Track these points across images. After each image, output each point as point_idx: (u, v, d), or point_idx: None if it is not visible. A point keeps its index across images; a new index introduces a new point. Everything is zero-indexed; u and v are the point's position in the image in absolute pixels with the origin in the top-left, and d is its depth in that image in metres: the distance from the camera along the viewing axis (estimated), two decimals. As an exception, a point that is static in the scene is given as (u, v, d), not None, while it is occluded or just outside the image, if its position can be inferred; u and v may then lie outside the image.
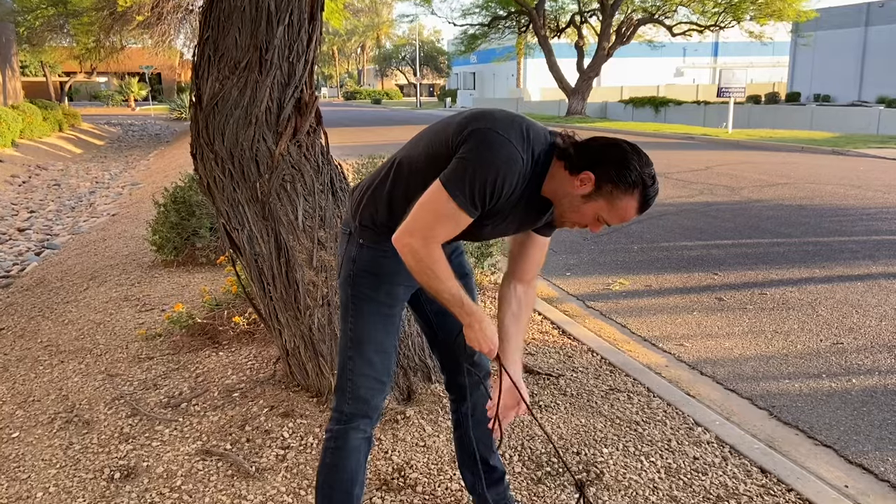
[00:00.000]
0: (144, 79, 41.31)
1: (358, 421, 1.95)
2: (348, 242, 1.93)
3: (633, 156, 1.63)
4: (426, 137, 1.81)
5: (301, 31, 2.85)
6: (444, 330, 2.10)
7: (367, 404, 1.95)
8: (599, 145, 1.67)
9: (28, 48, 25.30)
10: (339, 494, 1.99)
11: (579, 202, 1.67)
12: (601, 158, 1.64)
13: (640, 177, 1.62)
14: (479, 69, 49.04)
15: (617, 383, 3.44)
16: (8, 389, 3.53)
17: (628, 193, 1.63)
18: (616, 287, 5.30)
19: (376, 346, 1.93)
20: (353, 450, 1.96)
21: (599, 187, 1.63)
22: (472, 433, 2.19)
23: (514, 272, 1.98)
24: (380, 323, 1.92)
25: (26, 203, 11.10)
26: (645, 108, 27.76)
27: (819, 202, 8.48)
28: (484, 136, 1.63)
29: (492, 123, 1.65)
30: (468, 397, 2.16)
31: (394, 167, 1.85)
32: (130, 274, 5.69)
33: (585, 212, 1.69)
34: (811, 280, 5.31)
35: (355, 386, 1.94)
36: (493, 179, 1.62)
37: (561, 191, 1.70)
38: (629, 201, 1.64)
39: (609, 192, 1.63)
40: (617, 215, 1.66)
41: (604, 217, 1.68)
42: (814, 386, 3.52)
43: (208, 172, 2.99)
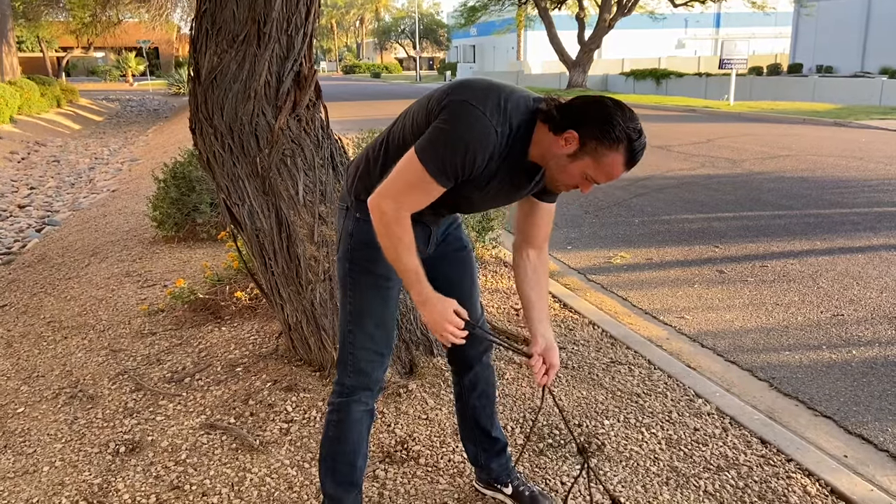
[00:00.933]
0: (142, 53, 40.97)
1: (359, 393, 1.97)
2: (346, 217, 1.93)
3: (616, 111, 1.61)
4: (412, 111, 1.81)
5: (299, 3, 2.81)
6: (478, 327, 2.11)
7: (367, 377, 1.96)
8: (582, 103, 1.65)
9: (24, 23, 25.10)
10: (343, 466, 2.01)
11: (566, 162, 1.66)
12: (584, 116, 1.62)
13: (623, 131, 1.60)
14: (478, 42, 48.60)
15: (618, 356, 3.46)
16: (12, 365, 3.55)
17: (613, 149, 1.61)
18: (617, 260, 5.31)
19: (376, 320, 1.94)
20: (356, 422, 1.98)
21: (584, 144, 1.62)
22: (474, 403, 2.21)
23: (524, 239, 1.98)
24: (378, 296, 1.93)
25: (26, 180, 11.07)
26: (646, 81, 27.55)
27: (821, 174, 8.45)
28: (458, 109, 1.63)
29: (468, 95, 1.65)
30: (472, 368, 2.17)
31: (384, 142, 1.85)
32: (132, 250, 5.69)
33: (573, 171, 1.67)
34: (812, 252, 5.31)
35: (356, 359, 1.95)
36: (464, 153, 1.62)
37: (548, 153, 1.69)
38: (615, 157, 1.62)
39: (594, 148, 1.62)
40: (604, 172, 1.65)
41: (591, 175, 1.66)
42: (814, 357, 3.54)
43: (208, 147, 2.97)
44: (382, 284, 1.92)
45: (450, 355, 2.19)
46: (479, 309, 2.15)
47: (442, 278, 1.97)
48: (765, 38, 40.20)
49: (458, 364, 2.19)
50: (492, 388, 2.24)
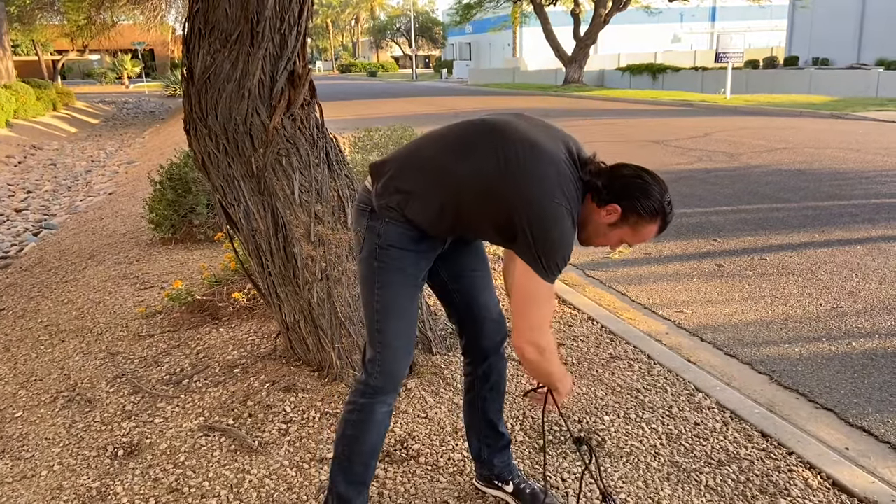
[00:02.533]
0: (137, 55, 40.89)
1: (386, 395, 1.97)
2: (370, 219, 1.90)
3: (655, 186, 1.78)
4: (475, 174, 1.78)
5: (292, 1, 2.79)
6: (461, 293, 2.11)
7: (394, 377, 1.97)
8: (624, 180, 1.79)
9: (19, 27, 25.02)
10: (358, 466, 2.00)
11: (606, 230, 1.83)
12: (626, 192, 1.77)
13: (660, 205, 1.77)
14: (474, 39, 48.52)
15: (617, 351, 3.45)
16: (10, 370, 3.54)
17: (651, 221, 1.79)
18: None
19: (404, 318, 1.95)
20: (377, 423, 1.98)
21: (625, 217, 1.79)
22: (485, 395, 2.20)
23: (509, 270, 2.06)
24: (408, 295, 1.94)
25: (22, 183, 11.05)
26: (643, 76, 27.54)
27: (818, 166, 8.44)
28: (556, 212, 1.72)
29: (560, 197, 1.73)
30: (487, 358, 2.17)
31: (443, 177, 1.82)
32: (129, 252, 5.67)
33: (611, 237, 1.85)
34: (810, 244, 5.31)
35: (384, 359, 1.94)
36: (567, 249, 1.77)
37: (588, 219, 1.83)
38: (651, 227, 1.81)
39: (634, 221, 1.79)
40: (639, 239, 1.84)
41: (626, 240, 1.86)
42: (814, 350, 3.53)
43: (203, 148, 2.96)
44: (412, 283, 1.94)
45: (466, 347, 2.18)
46: (493, 299, 2.16)
47: (467, 270, 2.09)
48: (760, 31, 40.14)
49: (474, 354, 2.19)
50: (503, 381, 2.25)
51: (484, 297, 2.12)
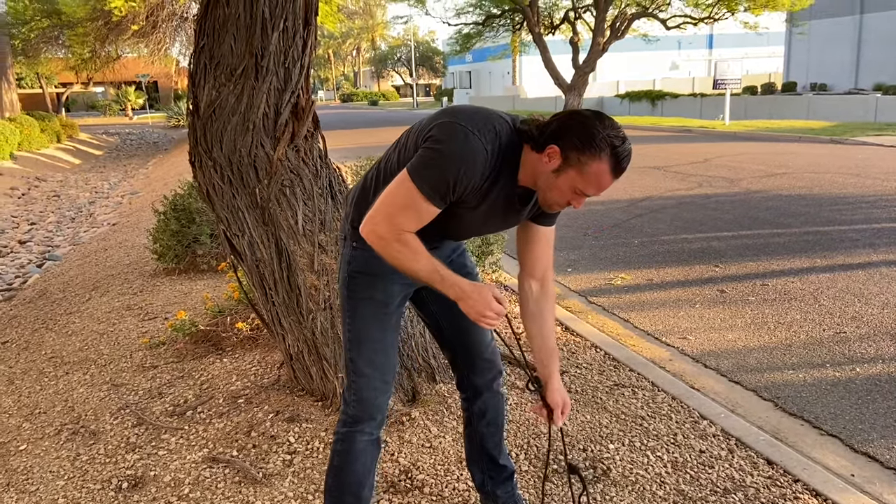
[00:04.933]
0: (141, 87, 41.29)
1: (363, 424, 1.96)
2: (344, 245, 1.96)
3: (595, 120, 1.62)
4: (402, 140, 1.83)
5: (296, 36, 2.85)
6: (452, 327, 2.10)
7: (370, 405, 1.95)
8: (559, 118, 1.67)
9: (24, 60, 25.32)
10: (348, 497, 2.00)
11: (553, 178, 1.66)
12: (562, 129, 1.63)
13: (604, 139, 1.59)
14: (474, 68, 49.00)
15: (621, 378, 3.44)
16: (14, 402, 3.54)
17: (596, 157, 1.60)
18: (618, 282, 5.31)
19: (376, 346, 1.94)
20: (360, 452, 1.97)
21: (567, 158, 1.62)
22: (482, 430, 2.20)
23: (526, 271, 1.98)
24: (377, 322, 1.93)
25: (26, 215, 11.11)
26: (641, 102, 27.76)
27: (818, 191, 8.48)
28: (448, 128, 1.65)
29: (456, 117, 1.68)
30: (481, 395, 2.16)
31: (378, 170, 1.88)
32: (132, 283, 5.69)
33: (561, 186, 1.66)
34: (812, 270, 5.32)
35: (358, 387, 1.95)
36: (456, 171, 1.63)
37: (535, 172, 1.69)
38: (599, 165, 1.61)
39: (577, 159, 1.61)
40: (591, 183, 1.63)
41: (579, 187, 1.65)
42: (818, 376, 3.53)
43: (207, 180, 2.99)
44: (381, 311, 1.93)
45: (459, 382, 2.18)
46: (489, 335, 2.14)
47: (449, 308, 1.95)
48: (758, 57, 40.51)
49: (468, 391, 2.18)
50: (500, 416, 2.23)
51: (475, 333, 2.08)
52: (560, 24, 30.35)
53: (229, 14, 2.76)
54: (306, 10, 2.88)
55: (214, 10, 2.78)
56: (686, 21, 27.48)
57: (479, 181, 1.67)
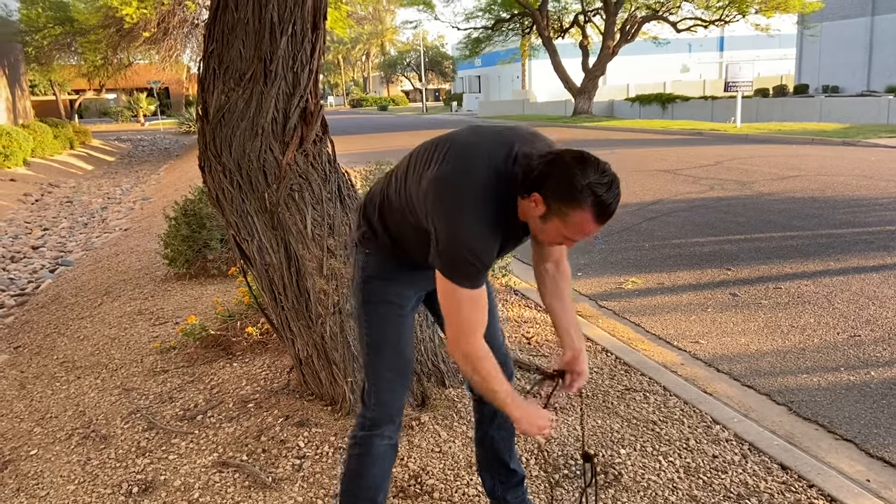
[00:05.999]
0: (153, 94, 41.57)
1: (383, 427, 1.96)
2: (356, 252, 1.98)
3: (576, 168, 1.55)
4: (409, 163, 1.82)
5: (304, 40, 2.85)
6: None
7: (390, 408, 1.97)
8: (542, 163, 1.60)
9: (37, 67, 25.58)
10: (363, 502, 1.98)
11: (540, 223, 1.64)
12: (544, 177, 1.58)
13: (586, 188, 1.53)
14: (483, 72, 49.04)
15: (633, 383, 3.42)
16: (26, 406, 3.56)
17: (578, 208, 1.55)
18: (629, 286, 5.28)
19: (393, 349, 1.95)
20: (378, 457, 1.97)
21: (549, 206, 1.59)
22: (493, 434, 2.19)
23: (538, 258, 2.00)
24: (394, 325, 1.94)
25: (39, 221, 11.19)
26: (652, 105, 27.67)
27: (831, 194, 8.41)
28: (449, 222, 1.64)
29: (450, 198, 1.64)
30: None
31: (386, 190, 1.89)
32: (143, 288, 5.72)
33: (549, 231, 1.65)
34: (826, 273, 5.27)
35: (378, 390, 1.95)
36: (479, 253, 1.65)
37: (526, 214, 1.67)
38: (581, 215, 1.56)
39: (559, 209, 1.58)
40: (576, 230, 1.60)
41: (566, 234, 1.62)
42: (832, 380, 3.49)
43: (217, 185, 3.00)
44: (396, 313, 1.94)
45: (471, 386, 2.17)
46: (499, 336, 2.14)
47: None
48: (769, 60, 40.34)
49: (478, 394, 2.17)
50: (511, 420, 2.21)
51: (491, 333, 2.07)
52: (570, 27, 30.38)
53: (238, 19, 2.76)
54: (315, 15, 2.88)
55: (223, 16, 2.79)
56: (696, 24, 27.45)
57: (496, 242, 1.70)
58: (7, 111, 21.93)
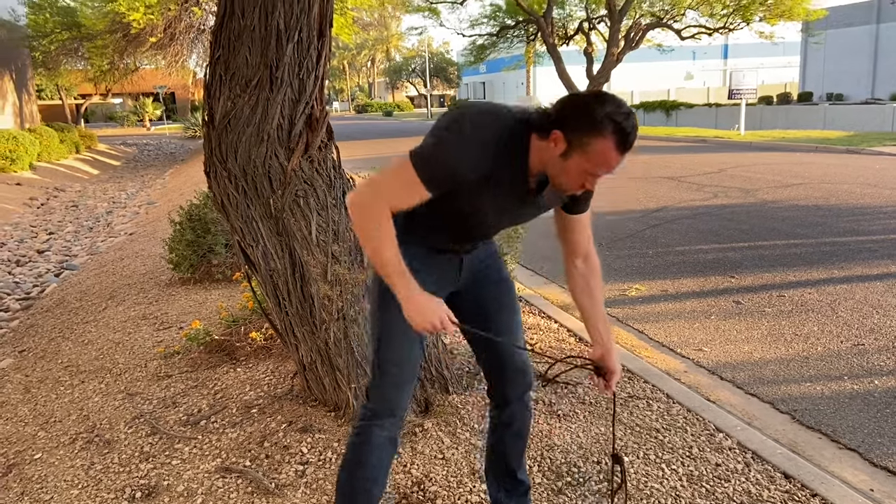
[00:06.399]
0: (159, 98, 41.73)
1: (383, 419, 1.97)
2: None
3: (594, 100, 1.61)
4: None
5: (310, 47, 2.87)
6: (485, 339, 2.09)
7: (392, 402, 1.97)
8: (561, 102, 1.67)
9: (43, 72, 25.67)
10: (360, 495, 1.99)
11: (561, 163, 1.67)
12: (564, 113, 1.64)
13: (606, 116, 1.58)
14: (488, 78, 49.19)
15: (636, 390, 3.42)
16: (30, 411, 3.57)
17: (600, 136, 1.59)
18: (632, 292, 5.28)
19: (405, 343, 1.95)
20: (376, 447, 1.97)
21: (571, 141, 1.62)
22: (507, 440, 2.19)
23: (568, 250, 2.02)
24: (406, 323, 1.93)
25: (45, 225, 11.23)
26: (656, 112, 27.70)
27: (835, 202, 8.41)
28: (453, 118, 1.71)
29: (464, 109, 1.73)
30: (509, 404, 2.15)
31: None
32: (148, 292, 5.73)
33: (571, 170, 1.67)
34: (829, 281, 5.26)
35: (382, 384, 1.97)
36: (454, 159, 1.67)
37: (543, 159, 1.71)
38: (604, 144, 1.59)
39: (581, 141, 1.61)
40: (599, 162, 1.62)
41: (589, 169, 1.64)
42: (836, 388, 3.48)
43: (222, 190, 3.01)
44: None
45: (490, 390, 2.18)
46: (520, 341, 2.13)
47: (476, 313, 2.03)
48: (773, 67, 40.38)
49: (498, 399, 2.17)
50: (526, 429, 2.21)
51: (506, 344, 2.08)
52: (574, 34, 30.41)
53: (245, 26, 2.78)
54: (321, 22, 2.90)
55: (230, 23, 2.80)
56: (701, 31, 27.44)
57: (481, 170, 1.69)
58: (14, 115, 22.04)
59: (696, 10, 26.75)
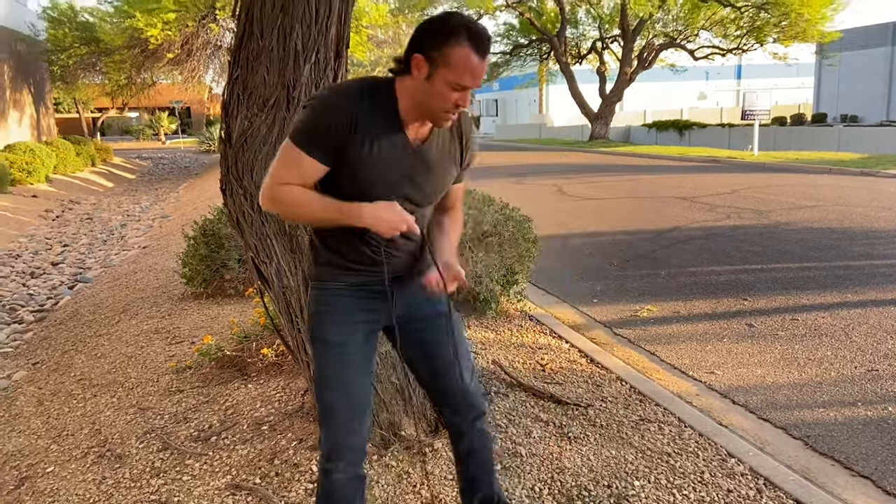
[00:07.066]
0: (174, 113, 42.16)
1: (335, 462, 1.93)
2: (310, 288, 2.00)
3: (443, 16, 1.71)
4: None
5: (327, 68, 2.90)
6: (425, 369, 2.09)
7: (340, 446, 1.93)
8: (414, 33, 1.75)
9: (62, 86, 26.04)
10: None
11: (429, 86, 1.72)
12: (419, 37, 1.72)
13: (458, 24, 1.66)
14: (501, 96, 49.34)
15: (647, 413, 3.40)
16: (43, 423, 3.59)
17: (457, 44, 1.66)
18: (644, 314, 5.26)
19: (338, 388, 1.92)
20: (339, 487, 1.94)
21: (431, 59, 1.69)
22: (473, 470, 2.16)
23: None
24: (335, 363, 1.92)
25: (60, 237, 11.33)
26: (669, 132, 27.69)
27: (849, 225, 8.36)
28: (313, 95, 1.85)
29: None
30: (464, 435, 2.13)
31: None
32: (161, 306, 5.77)
33: (438, 89, 1.71)
34: (843, 305, 5.22)
35: (330, 427, 1.93)
36: (322, 116, 1.74)
37: (412, 94, 1.76)
38: (462, 50, 1.66)
39: (439, 54, 1.67)
40: (462, 70, 1.68)
41: (453, 80, 1.69)
42: (849, 414, 3.45)
43: (237, 207, 3.04)
44: (336, 352, 1.92)
45: (445, 422, 2.15)
46: (464, 377, 2.08)
47: (418, 348, 2.02)
48: (787, 88, 40.32)
49: (451, 430, 2.15)
50: (489, 455, 2.18)
51: (452, 378, 2.06)
52: (587, 54, 30.59)
53: (263, 46, 2.82)
54: (338, 44, 2.94)
55: (249, 43, 2.84)
56: (714, 52, 27.52)
57: (351, 116, 1.74)
58: (31, 128, 22.33)
59: (710, 31, 26.86)
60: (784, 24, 23.73)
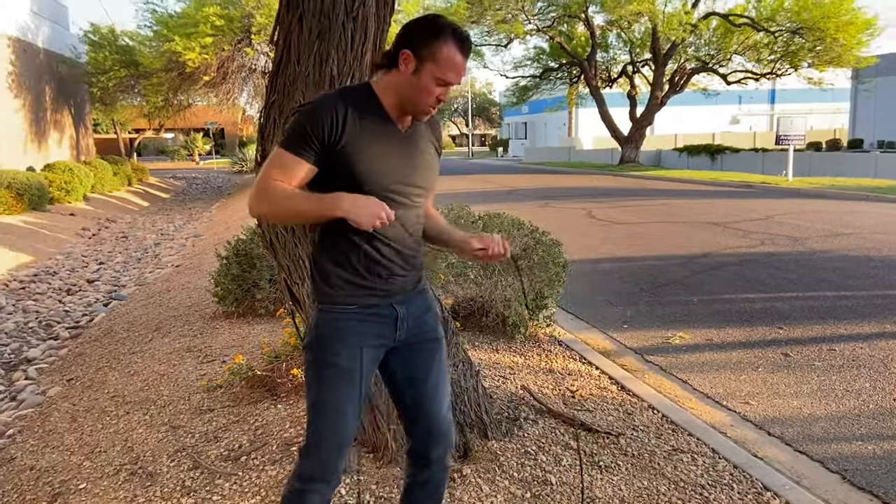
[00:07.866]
0: (209, 134, 42.95)
1: (318, 484, 1.94)
2: (313, 308, 2.00)
3: (430, 17, 1.84)
4: None
5: (362, 93, 2.94)
6: (413, 398, 2.08)
7: (328, 469, 1.94)
8: (401, 31, 1.86)
9: (101, 107, 26.74)
10: None
11: (415, 81, 1.83)
12: (407, 34, 1.84)
13: (445, 25, 1.81)
14: (530, 119, 49.46)
15: (680, 443, 3.34)
16: (76, 440, 3.64)
17: (444, 42, 1.80)
18: (676, 340, 5.19)
19: (340, 414, 1.93)
20: None
21: (419, 55, 1.81)
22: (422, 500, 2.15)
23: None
24: (343, 389, 1.93)
25: (96, 255, 11.55)
26: (700, 156, 27.47)
27: (887, 253, 8.18)
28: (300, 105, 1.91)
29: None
30: (429, 466, 2.11)
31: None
32: (193, 325, 5.83)
33: (424, 83, 1.83)
34: (882, 335, 5.10)
35: (319, 450, 1.94)
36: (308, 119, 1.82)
37: (398, 88, 1.86)
38: (448, 47, 1.81)
39: (429, 50, 1.80)
40: (448, 66, 1.81)
41: (439, 75, 1.82)
42: (888, 448, 3.36)
43: (271, 229, 3.07)
44: (346, 377, 1.92)
45: (412, 450, 2.14)
46: (444, 407, 2.10)
47: (407, 371, 2.03)
48: (822, 113, 39.85)
49: (418, 459, 2.13)
50: (442, 488, 2.18)
51: (436, 407, 2.08)
52: (618, 77, 30.55)
53: (300, 72, 2.87)
54: (372, 69, 2.97)
55: (286, 69, 2.89)
56: (747, 76, 27.30)
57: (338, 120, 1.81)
58: (70, 148, 22.91)
59: (743, 55, 26.68)
60: (819, 48, 23.50)
